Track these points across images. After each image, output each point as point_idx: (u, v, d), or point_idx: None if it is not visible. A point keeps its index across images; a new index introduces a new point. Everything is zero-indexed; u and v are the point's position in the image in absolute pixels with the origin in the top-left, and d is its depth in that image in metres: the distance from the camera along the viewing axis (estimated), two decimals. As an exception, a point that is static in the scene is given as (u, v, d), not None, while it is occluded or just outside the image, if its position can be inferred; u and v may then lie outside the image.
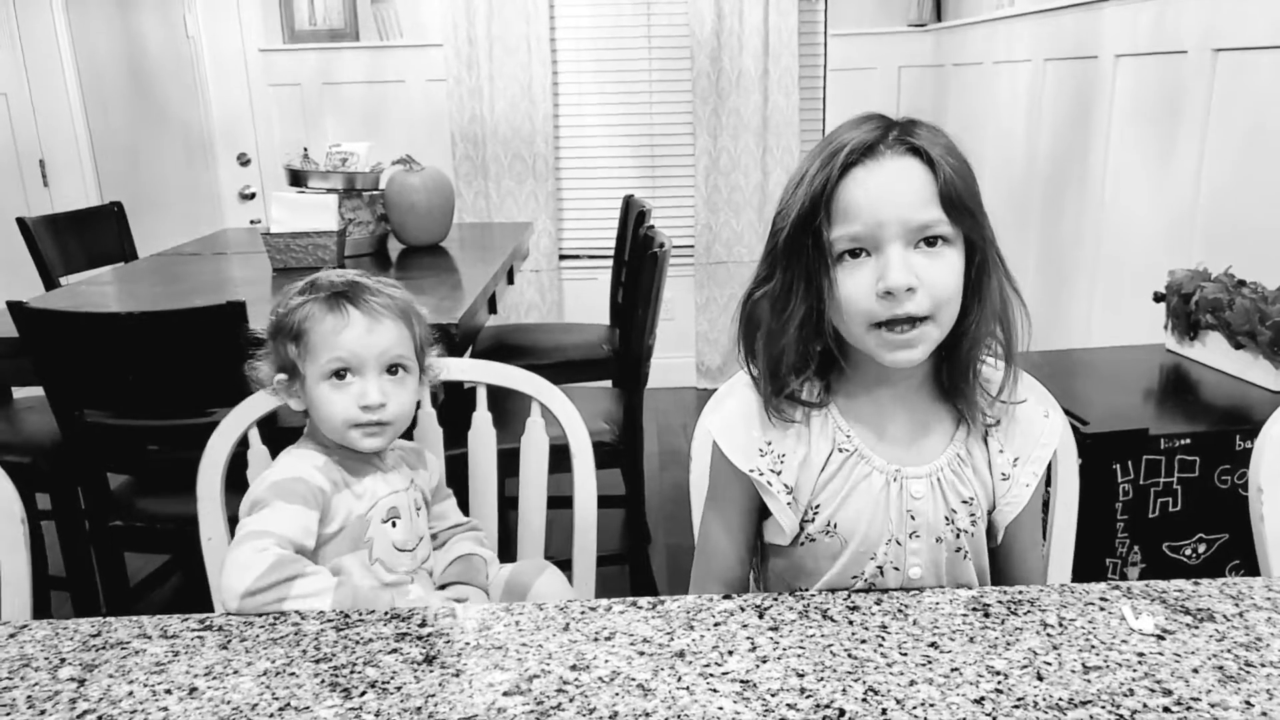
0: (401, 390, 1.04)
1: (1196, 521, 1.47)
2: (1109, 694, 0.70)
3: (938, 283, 0.81)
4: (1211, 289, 1.65)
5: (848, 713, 0.68)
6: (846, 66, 3.63)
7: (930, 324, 0.82)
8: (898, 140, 0.82)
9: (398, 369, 1.04)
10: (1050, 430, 0.93)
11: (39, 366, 1.64)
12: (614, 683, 0.72)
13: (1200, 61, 1.89)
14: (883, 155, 0.81)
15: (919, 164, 0.81)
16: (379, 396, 1.02)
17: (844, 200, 0.81)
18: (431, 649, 0.78)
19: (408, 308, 1.06)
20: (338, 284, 1.04)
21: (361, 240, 2.52)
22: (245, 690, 0.73)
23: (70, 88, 3.57)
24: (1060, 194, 2.50)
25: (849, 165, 0.81)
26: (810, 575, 0.93)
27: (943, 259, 0.82)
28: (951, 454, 0.90)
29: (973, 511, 0.91)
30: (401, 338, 1.04)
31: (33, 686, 0.74)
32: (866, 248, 0.82)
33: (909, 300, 0.80)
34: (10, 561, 1.02)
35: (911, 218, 0.80)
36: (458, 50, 3.53)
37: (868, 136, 0.82)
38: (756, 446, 0.89)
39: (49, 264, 2.60)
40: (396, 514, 1.06)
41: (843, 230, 0.81)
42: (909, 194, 0.81)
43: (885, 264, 0.80)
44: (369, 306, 1.02)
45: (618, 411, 2.15)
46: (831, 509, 0.89)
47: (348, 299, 1.02)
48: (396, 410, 1.04)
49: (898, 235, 0.80)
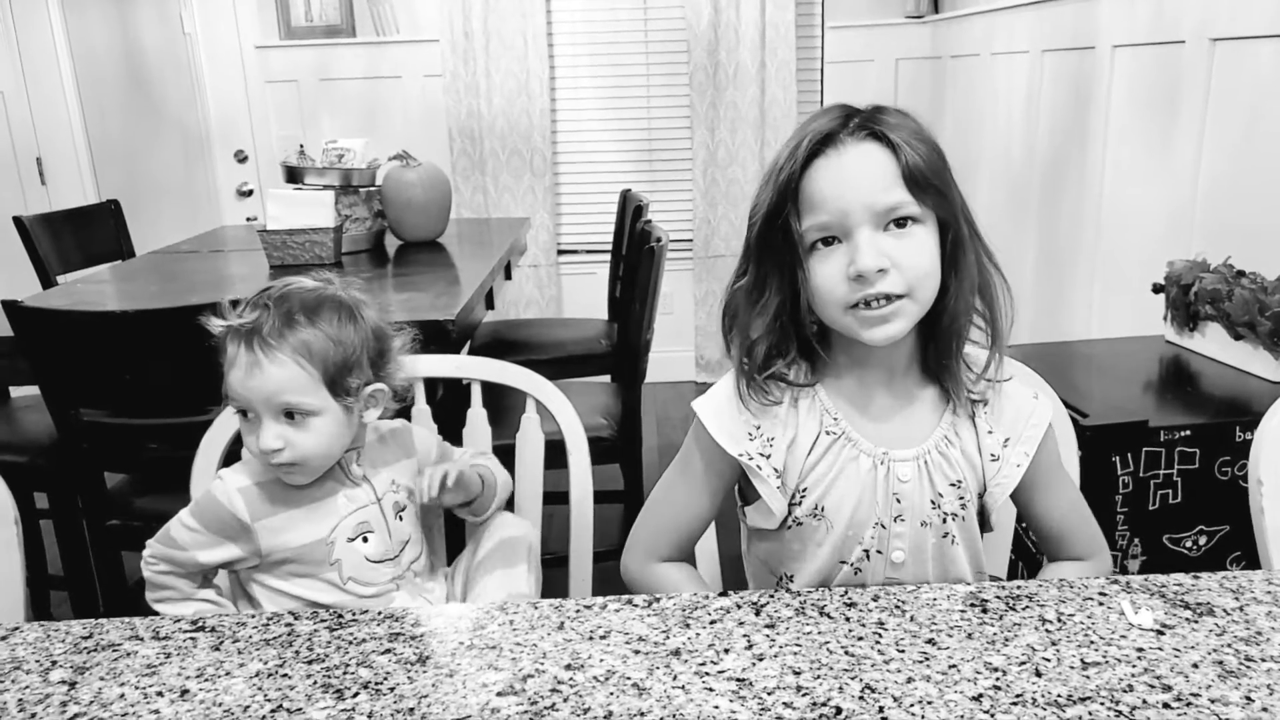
0: (304, 433, 0.96)
1: (1197, 513, 1.47)
2: (1108, 690, 0.69)
3: (909, 262, 0.82)
4: (1211, 280, 1.65)
5: (844, 711, 0.68)
6: (844, 59, 3.62)
7: (907, 300, 0.83)
8: (858, 127, 0.83)
9: (293, 413, 0.96)
10: (1041, 411, 0.93)
11: (35, 366, 1.63)
12: (609, 682, 0.72)
13: (1198, 51, 1.88)
14: (843, 143, 0.82)
15: (879, 148, 0.82)
16: (272, 442, 0.95)
17: (809, 191, 0.83)
18: (425, 649, 0.77)
19: (313, 345, 0.96)
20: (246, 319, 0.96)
21: (358, 236, 2.51)
22: (237, 692, 0.72)
23: (67, 86, 3.56)
24: (1059, 185, 2.49)
25: (811, 156, 0.83)
26: (797, 559, 0.93)
27: (913, 238, 0.82)
28: (939, 435, 0.90)
29: (961, 495, 0.90)
30: (295, 380, 0.95)
31: (24, 690, 0.74)
32: (837, 235, 0.83)
33: (881, 280, 0.81)
34: (3, 563, 1.02)
35: (876, 201, 0.81)
36: (454, 45, 3.51)
37: (827, 126, 0.83)
38: (746, 431, 0.89)
39: (46, 262, 2.59)
40: (368, 528, 1.03)
41: (811, 220, 0.83)
42: (871, 178, 0.81)
43: (855, 249, 0.81)
44: (259, 346, 0.94)
45: (616, 406, 2.14)
46: (819, 492, 0.89)
47: (244, 336, 0.95)
48: (299, 454, 0.97)
49: (865, 220, 0.81)
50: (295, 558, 1.02)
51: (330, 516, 1.02)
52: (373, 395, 1.01)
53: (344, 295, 1.02)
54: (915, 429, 0.90)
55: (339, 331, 0.98)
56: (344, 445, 1.01)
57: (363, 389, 1.00)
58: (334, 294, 1.01)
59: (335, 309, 0.99)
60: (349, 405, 0.99)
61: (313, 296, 0.99)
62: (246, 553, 1.02)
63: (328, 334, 0.97)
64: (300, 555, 1.02)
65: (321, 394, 0.96)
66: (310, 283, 1.02)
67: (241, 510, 1.00)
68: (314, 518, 1.01)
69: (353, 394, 0.99)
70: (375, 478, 1.05)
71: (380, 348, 1.03)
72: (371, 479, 1.05)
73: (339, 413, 0.98)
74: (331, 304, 0.99)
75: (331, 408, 0.97)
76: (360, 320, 1.00)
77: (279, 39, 3.60)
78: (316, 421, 0.97)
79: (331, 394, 0.97)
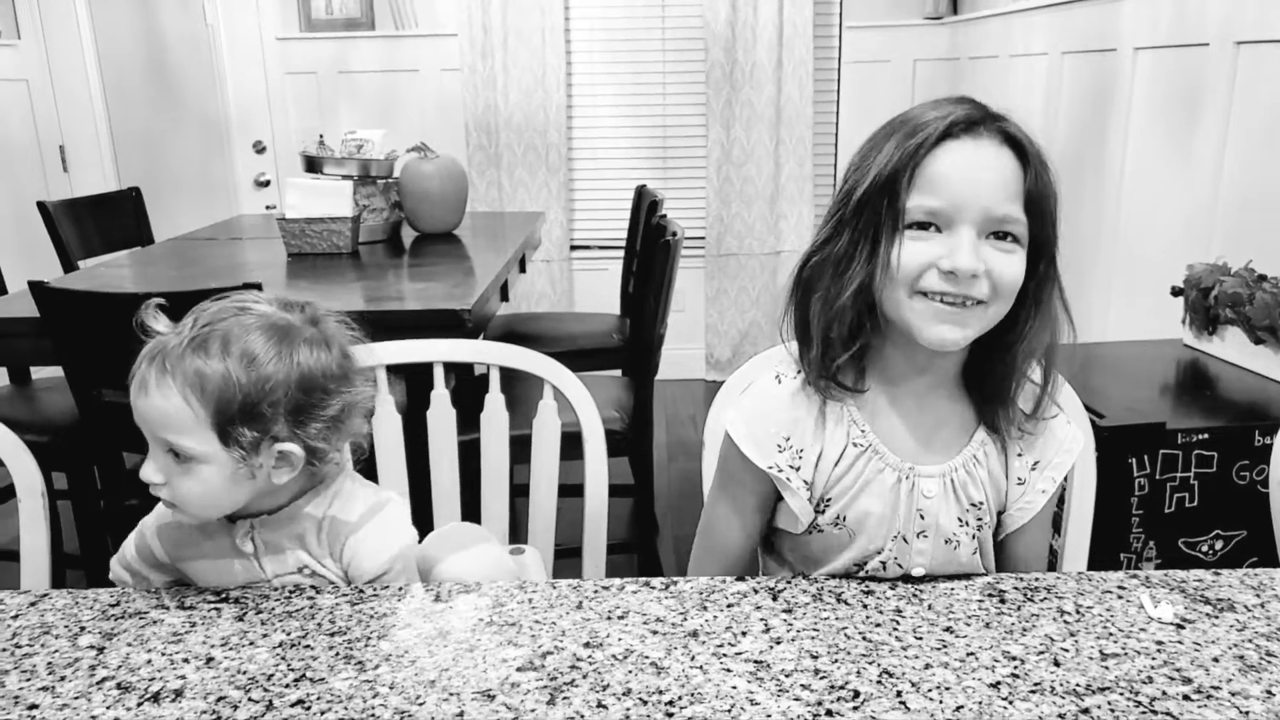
0: (188, 479, 0.82)
1: (1214, 517, 1.46)
2: (1128, 681, 0.69)
3: (1005, 274, 0.79)
4: (1231, 283, 1.64)
5: (862, 694, 0.68)
6: (861, 59, 3.61)
7: (983, 308, 0.79)
8: (998, 127, 0.80)
9: (175, 453, 0.82)
10: (1074, 437, 0.91)
11: (58, 345, 1.65)
12: (627, 660, 0.73)
13: (1222, 54, 1.87)
14: (982, 135, 0.79)
15: (1013, 156, 0.80)
16: (152, 475, 0.84)
17: (933, 169, 0.79)
18: (445, 624, 0.78)
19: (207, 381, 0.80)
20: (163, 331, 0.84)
21: (375, 227, 2.52)
22: (261, 661, 0.73)
23: (91, 75, 3.59)
24: (1077, 187, 2.48)
25: (946, 136, 0.79)
26: (816, 563, 0.92)
27: (1012, 255, 0.80)
28: (968, 455, 0.88)
29: (980, 516, 0.89)
30: (178, 416, 0.80)
31: (53, 654, 0.75)
32: (938, 224, 0.79)
33: (971, 285, 0.78)
34: (31, 534, 1.03)
35: (994, 207, 0.78)
36: (472, 40, 3.53)
37: (970, 113, 0.80)
38: (775, 442, 0.87)
39: (68, 247, 2.62)
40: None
41: (920, 200, 0.79)
42: (998, 182, 0.79)
43: (955, 244, 0.78)
44: (154, 367, 0.82)
45: (628, 400, 2.15)
46: (843, 503, 0.88)
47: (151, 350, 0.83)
48: (179, 497, 0.84)
49: (974, 219, 0.78)
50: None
51: (228, 580, 0.89)
52: (282, 455, 0.84)
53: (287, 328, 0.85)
54: (944, 446, 0.88)
55: (247, 371, 0.81)
56: (235, 501, 0.85)
57: (266, 444, 0.83)
58: (275, 323, 0.84)
59: (262, 344, 0.83)
60: (243, 459, 0.82)
61: (244, 323, 0.83)
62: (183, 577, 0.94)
63: (231, 371, 0.81)
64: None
65: (208, 438, 0.81)
66: (263, 306, 0.86)
67: (158, 549, 0.92)
68: (215, 576, 0.90)
69: (247, 449, 0.82)
70: (272, 558, 0.89)
71: (306, 401, 0.84)
72: (270, 556, 0.89)
73: (227, 465, 0.82)
74: (262, 337, 0.83)
75: (219, 457, 0.82)
76: (288, 362, 0.83)
77: (299, 31, 3.62)
78: (201, 468, 0.82)
79: (221, 442, 0.82)
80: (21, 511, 1.04)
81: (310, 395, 0.84)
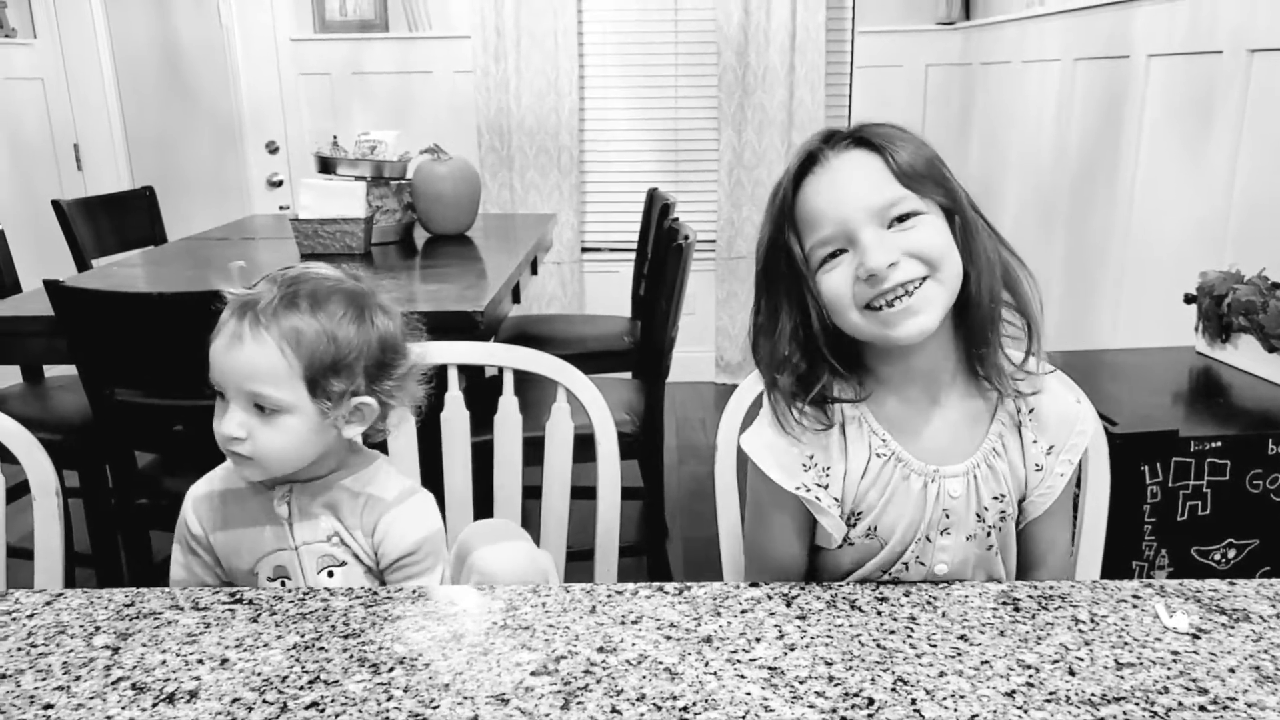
0: (271, 431, 0.87)
1: (1226, 526, 1.45)
2: (1143, 691, 0.69)
3: (923, 244, 0.80)
4: (1244, 291, 1.63)
5: (877, 701, 0.68)
6: (873, 64, 3.61)
7: (930, 282, 0.81)
8: (840, 140, 0.83)
9: (263, 406, 0.87)
10: (1085, 416, 0.92)
11: (73, 344, 1.66)
12: (641, 665, 0.73)
13: (1235, 62, 1.86)
14: (828, 158, 0.83)
15: (865, 153, 0.82)
16: (235, 429, 0.87)
17: (804, 210, 0.83)
18: (459, 628, 0.78)
19: (303, 334, 0.86)
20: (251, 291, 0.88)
21: (388, 228, 2.53)
22: (275, 663, 0.73)
23: (105, 75, 3.61)
24: (1089, 194, 2.48)
25: (800, 177, 0.83)
26: (845, 573, 0.92)
27: (920, 226, 0.81)
28: (988, 448, 0.88)
29: (1003, 508, 0.90)
30: (272, 367, 0.85)
31: (68, 653, 0.75)
32: (842, 246, 0.82)
33: (894, 273, 0.80)
34: (45, 532, 1.04)
35: (872, 201, 0.80)
36: (485, 42, 3.54)
37: (810, 145, 0.84)
38: (799, 462, 0.87)
39: (82, 246, 2.63)
40: (284, 573, 0.93)
41: (813, 238, 0.82)
42: (863, 181, 0.81)
43: (862, 250, 0.80)
44: (249, 320, 0.86)
45: (638, 403, 2.15)
46: (874, 515, 0.88)
47: (239, 307, 0.87)
48: (259, 450, 0.87)
49: (866, 221, 0.80)
50: (235, 581, 0.96)
51: (257, 548, 0.93)
52: (358, 409, 0.90)
53: (362, 292, 0.92)
54: (963, 443, 0.88)
55: (337, 327, 0.88)
56: (309, 455, 0.90)
57: (348, 398, 0.89)
58: (352, 289, 0.92)
59: (345, 304, 0.89)
60: (326, 411, 0.88)
61: (326, 285, 0.90)
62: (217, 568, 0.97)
63: (324, 327, 0.87)
64: (236, 580, 0.96)
65: (298, 389, 0.87)
66: (333, 272, 0.93)
67: (192, 523, 0.95)
68: (246, 545, 0.93)
69: (333, 399, 0.88)
70: (305, 523, 0.93)
71: (383, 359, 0.91)
72: (299, 523, 0.93)
73: (313, 417, 0.88)
74: (343, 298, 0.90)
75: (305, 408, 0.87)
76: (368, 323, 0.90)
77: (313, 32, 3.64)
78: (286, 419, 0.87)
79: (309, 393, 0.87)
80: (36, 509, 1.05)
81: (385, 354, 0.92)
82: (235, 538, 0.94)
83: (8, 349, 1.85)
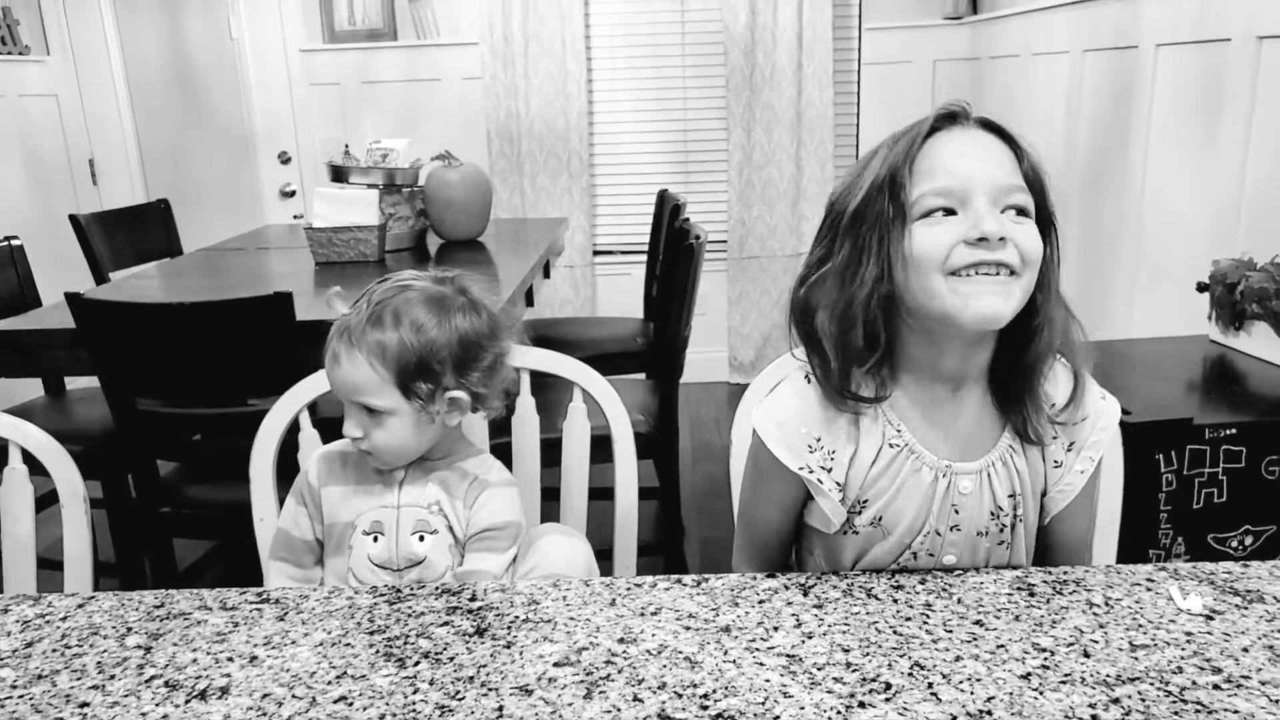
0: (379, 429, 1.00)
1: (1242, 513, 1.45)
2: (1157, 671, 0.70)
3: (1027, 241, 0.79)
4: (1257, 279, 1.63)
5: (894, 686, 0.69)
6: (881, 60, 3.61)
7: (1017, 280, 0.79)
8: (978, 119, 0.83)
9: (369, 409, 1.00)
10: (1108, 413, 0.90)
11: (95, 355, 1.69)
12: (661, 655, 0.74)
13: (1245, 49, 1.86)
14: (966, 125, 0.82)
15: (1001, 141, 0.82)
16: (354, 430, 1.01)
17: (931, 159, 0.80)
18: (482, 622, 0.80)
19: (388, 349, 0.98)
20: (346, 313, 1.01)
21: (401, 235, 2.55)
22: (303, 659, 0.75)
23: (119, 90, 3.66)
24: (1100, 185, 2.47)
25: (933, 131, 0.81)
26: (848, 562, 0.93)
27: (1028, 226, 0.80)
28: (1004, 447, 0.88)
29: (1016, 508, 0.89)
30: (367, 381, 0.99)
31: (101, 653, 0.77)
32: (953, 206, 0.79)
33: (1002, 249, 0.77)
34: (74, 538, 1.06)
35: (999, 179, 0.79)
36: (494, 49, 3.56)
37: (951, 109, 0.82)
38: (806, 443, 0.87)
39: (99, 259, 2.67)
40: (380, 529, 1.03)
41: (929, 185, 0.79)
42: (996, 159, 0.80)
43: (977, 215, 0.78)
44: (343, 342, 1.00)
45: (653, 403, 2.16)
46: (880, 504, 0.88)
47: (339, 329, 1.01)
48: (376, 446, 1.01)
49: (986, 191, 0.78)
50: (332, 535, 1.05)
51: (364, 504, 1.04)
52: (451, 401, 1.02)
53: (444, 295, 1.02)
54: (979, 440, 0.88)
55: (418, 337, 0.99)
56: (421, 445, 1.03)
57: (440, 394, 1.01)
58: (433, 294, 1.01)
59: (425, 312, 1.00)
60: (422, 408, 1.00)
61: (407, 298, 1.00)
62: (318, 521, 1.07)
63: (405, 339, 0.98)
64: (334, 533, 1.05)
65: (394, 396, 0.99)
66: (419, 279, 1.03)
67: (312, 474, 1.07)
68: (354, 500, 1.04)
69: (425, 398, 1.00)
70: (413, 486, 1.05)
71: (465, 356, 1.02)
72: (407, 485, 1.05)
73: (411, 414, 1.00)
74: (424, 306, 1.00)
75: (403, 409, 1.00)
76: (449, 326, 1.00)
77: (322, 42, 3.68)
78: (390, 420, 1.00)
79: (404, 396, 0.99)
80: (64, 516, 1.07)
81: (468, 351, 1.02)
82: (346, 493, 1.05)
83: (31, 361, 1.88)
